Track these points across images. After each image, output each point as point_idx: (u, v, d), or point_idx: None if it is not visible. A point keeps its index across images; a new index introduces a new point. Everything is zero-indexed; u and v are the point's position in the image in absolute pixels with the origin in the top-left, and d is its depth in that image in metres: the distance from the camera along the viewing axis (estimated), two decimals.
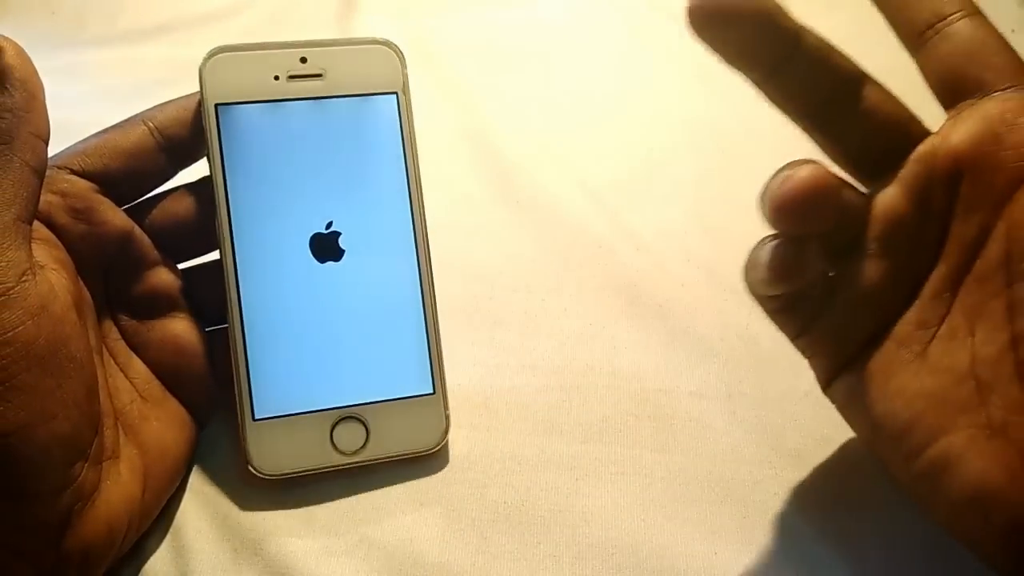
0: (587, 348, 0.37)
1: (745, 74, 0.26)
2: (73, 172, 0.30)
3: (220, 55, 0.32)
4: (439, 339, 0.33)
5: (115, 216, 0.31)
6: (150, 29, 0.54)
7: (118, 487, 0.28)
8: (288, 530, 0.31)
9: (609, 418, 0.34)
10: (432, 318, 0.33)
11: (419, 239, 0.33)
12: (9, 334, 0.23)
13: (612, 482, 0.32)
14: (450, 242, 0.41)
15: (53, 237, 0.29)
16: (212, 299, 0.32)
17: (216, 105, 0.32)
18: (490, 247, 0.42)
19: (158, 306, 0.32)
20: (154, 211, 0.33)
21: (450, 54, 0.52)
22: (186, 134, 0.32)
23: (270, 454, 0.32)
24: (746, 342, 0.37)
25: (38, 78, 0.26)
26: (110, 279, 0.31)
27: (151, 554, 0.30)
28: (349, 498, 0.32)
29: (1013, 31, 0.51)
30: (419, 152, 0.34)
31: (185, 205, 0.33)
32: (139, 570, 0.30)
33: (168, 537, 0.31)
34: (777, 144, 0.47)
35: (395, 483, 0.32)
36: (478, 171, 0.45)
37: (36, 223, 0.29)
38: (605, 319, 0.38)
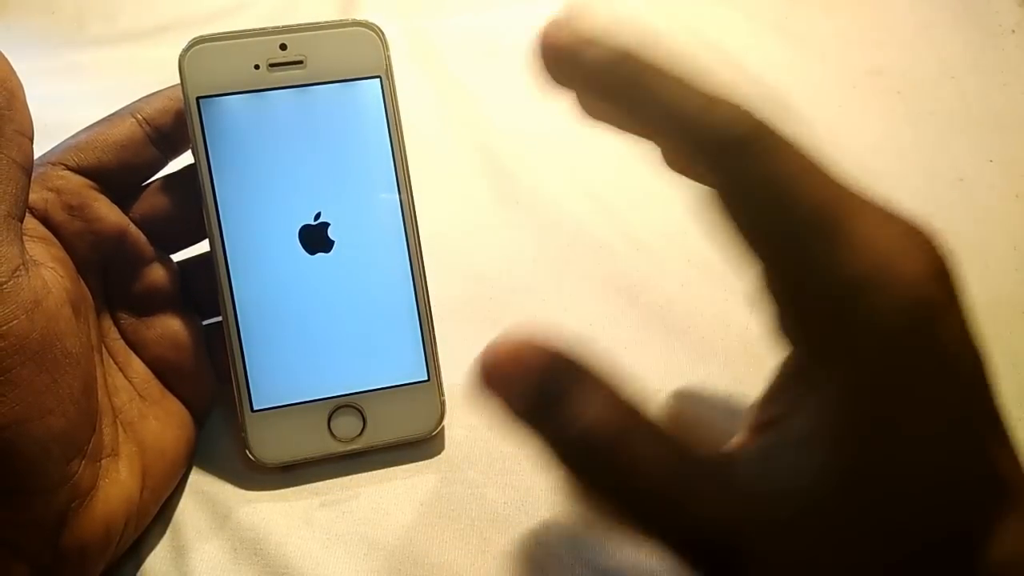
0: (587, 348, 0.37)
1: None
2: (68, 168, 0.30)
3: (198, 46, 0.32)
4: (432, 326, 0.33)
5: (110, 212, 0.31)
6: (150, 29, 0.54)
7: (116, 486, 0.27)
8: (287, 529, 0.31)
9: None
10: (425, 305, 0.33)
11: (408, 226, 0.33)
12: (2, 328, 0.23)
13: None
14: (450, 242, 0.41)
15: (50, 235, 0.29)
16: (209, 293, 0.33)
17: (198, 98, 0.32)
18: (490, 247, 0.42)
19: (156, 302, 0.32)
20: (141, 203, 0.32)
21: (450, 54, 0.52)
22: (175, 125, 0.32)
23: (270, 443, 0.32)
24: (746, 342, 0.37)
25: (16, 77, 0.26)
26: (108, 277, 0.31)
27: (150, 553, 0.30)
28: (349, 498, 0.32)
29: (1014, 31, 0.52)
30: (418, 152, 0.34)
31: (170, 195, 0.33)
32: (138, 568, 0.30)
33: (167, 536, 0.31)
34: None
35: (395, 478, 0.32)
36: (478, 171, 0.45)
37: (33, 221, 0.29)
38: (605, 319, 0.38)
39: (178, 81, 0.32)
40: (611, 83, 0.21)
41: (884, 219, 0.19)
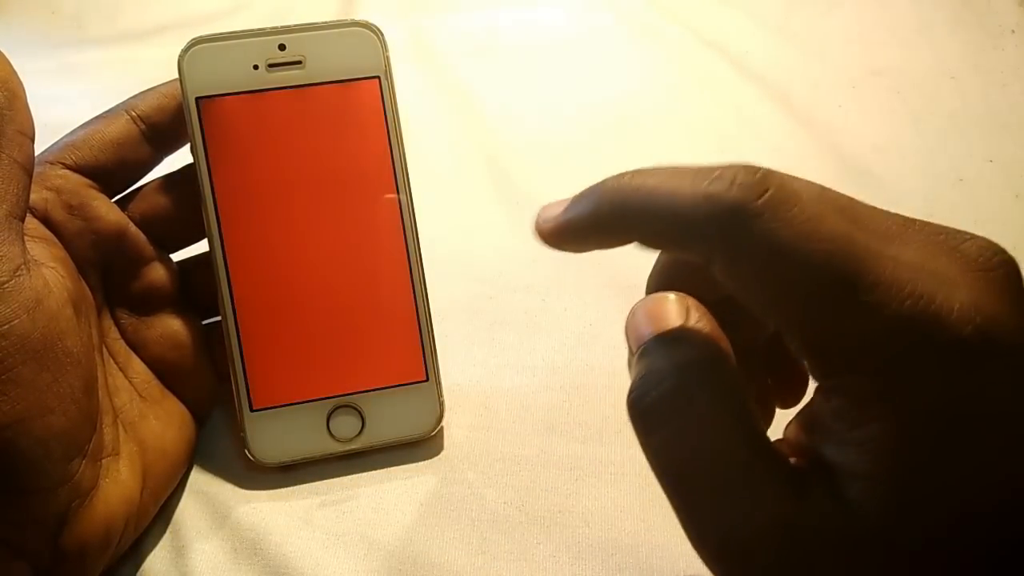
0: (587, 348, 0.37)
1: None
2: (66, 167, 0.30)
3: (197, 47, 0.32)
4: (431, 327, 0.33)
5: (110, 211, 0.31)
6: (150, 29, 0.55)
7: (117, 486, 0.28)
8: (287, 529, 0.31)
9: (609, 418, 0.34)
10: (424, 306, 0.33)
11: (408, 226, 0.33)
12: (4, 327, 0.23)
13: (612, 482, 0.32)
14: (450, 242, 0.41)
15: (51, 235, 0.29)
16: (209, 292, 0.33)
17: (197, 99, 0.32)
18: (490, 247, 0.42)
19: (156, 302, 0.32)
20: (140, 202, 0.32)
21: (450, 54, 0.52)
22: (169, 122, 0.32)
23: (269, 443, 0.32)
24: None
25: (17, 77, 0.26)
26: (108, 276, 0.31)
27: (150, 553, 0.30)
28: (349, 498, 0.32)
29: (1013, 31, 0.52)
30: (418, 152, 0.34)
31: (169, 195, 0.33)
32: (138, 568, 0.30)
33: (167, 536, 0.31)
34: (776, 144, 0.47)
35: (394, 478, 0.32)
36: (478, 171, 0.45)
37: (34, 221, 0.29)
38: (605, 319, 0.38)
39: (176, 80, 0.32)
40: (607, 224, 0.22)
41: (914, 253, 0.18)
